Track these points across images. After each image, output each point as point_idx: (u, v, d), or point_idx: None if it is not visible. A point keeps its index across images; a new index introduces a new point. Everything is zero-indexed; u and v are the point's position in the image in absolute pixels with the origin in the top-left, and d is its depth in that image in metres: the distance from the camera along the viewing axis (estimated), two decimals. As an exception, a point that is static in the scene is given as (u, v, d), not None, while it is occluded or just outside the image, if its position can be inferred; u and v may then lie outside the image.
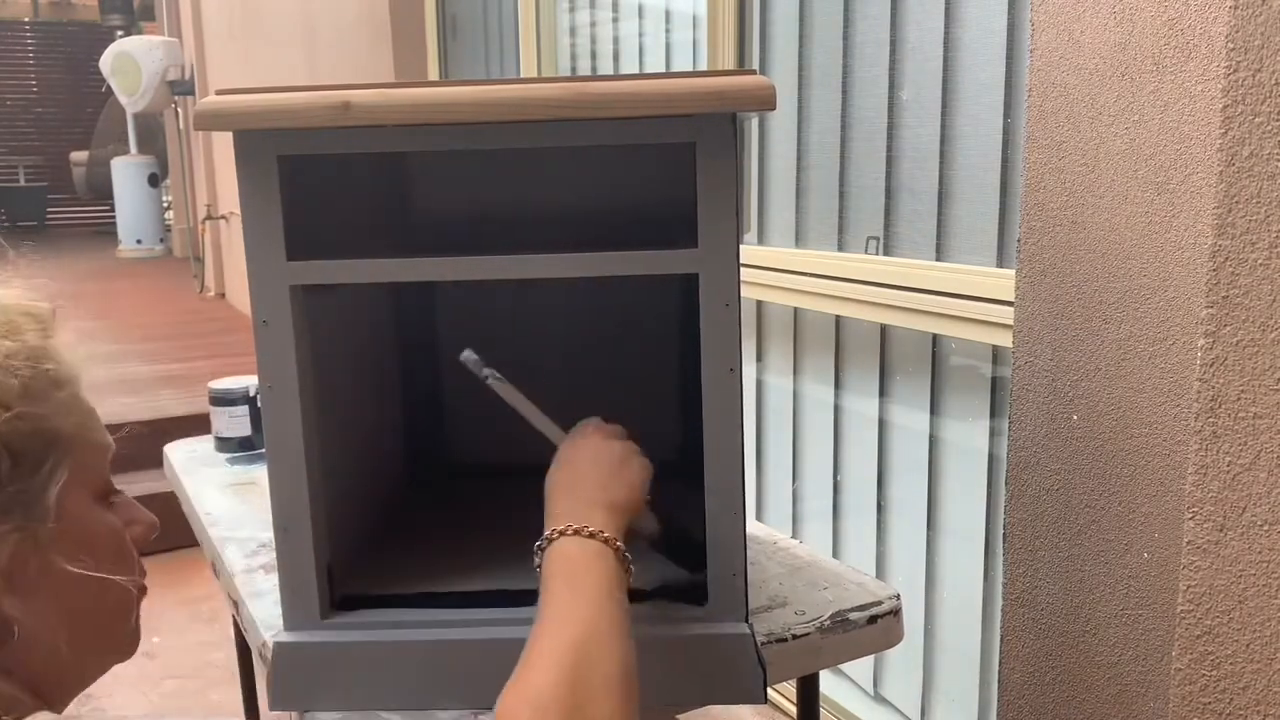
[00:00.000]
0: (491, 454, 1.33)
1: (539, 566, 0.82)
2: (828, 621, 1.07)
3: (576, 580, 0.79)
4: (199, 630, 2.93)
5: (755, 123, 2.20)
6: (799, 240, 2.12)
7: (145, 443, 0.85)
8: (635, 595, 0.99)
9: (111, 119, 10.94)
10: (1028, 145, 1.23)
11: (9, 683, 0.68)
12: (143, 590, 0.80)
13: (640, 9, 2.69)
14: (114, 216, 10.32)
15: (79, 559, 0.71)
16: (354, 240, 1.02)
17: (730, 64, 2.18)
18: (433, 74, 3.84)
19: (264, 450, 0.95)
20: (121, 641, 0.78)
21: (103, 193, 11.10)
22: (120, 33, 10.14)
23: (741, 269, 0.91)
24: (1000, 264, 1.66)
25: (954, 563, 1.85)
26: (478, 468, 1.33)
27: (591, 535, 0.82)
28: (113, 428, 0.79)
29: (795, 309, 2.15)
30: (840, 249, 2.01)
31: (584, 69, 2.99)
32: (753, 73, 0.89)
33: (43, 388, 0.69)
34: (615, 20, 2.84)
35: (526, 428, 0.99)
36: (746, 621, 0.95)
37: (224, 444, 1.70)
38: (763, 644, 0.99)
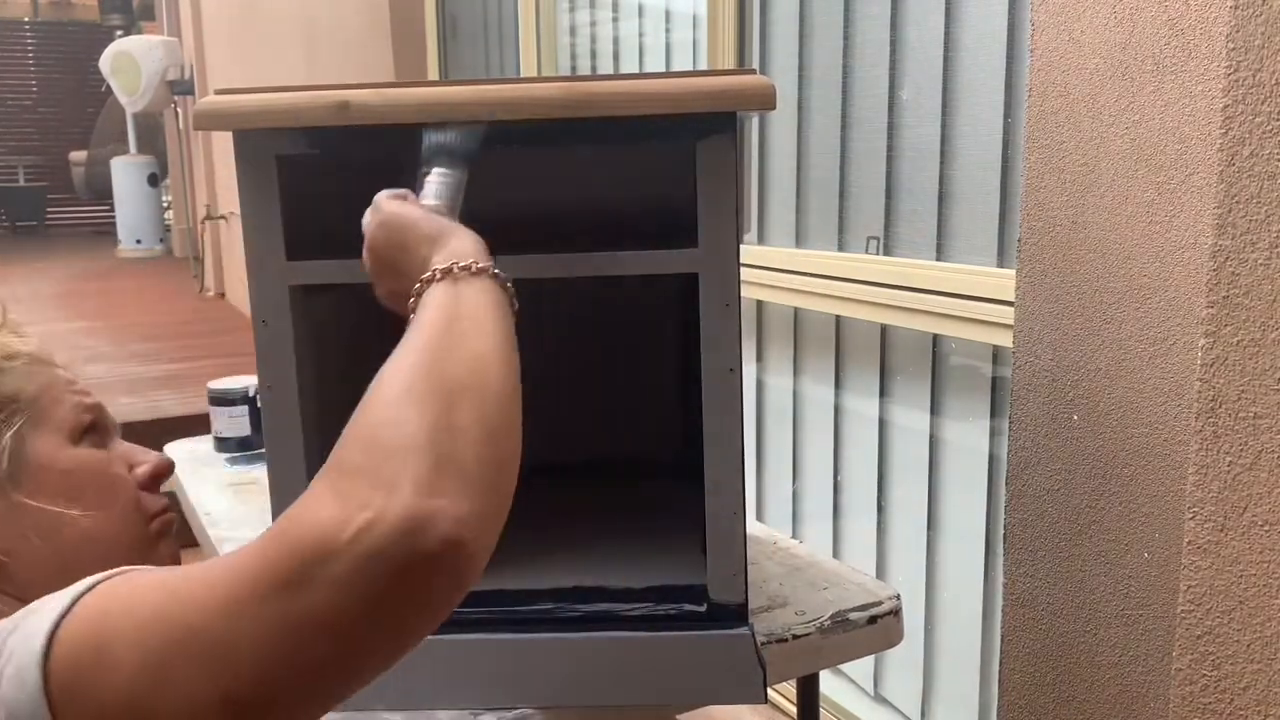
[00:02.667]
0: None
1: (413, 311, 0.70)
2: (828, 621, 1.07)
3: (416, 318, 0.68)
4: (199, 630, 2.92)
5: (755, 123, 2.19)
6: (799, 240, 2.12)
7: (145, 443, 0.86)
8: (634, 595, 0.99)
9: (111, 119, 10.94)
10: (1028, 145, 1.23)
11: (6, 602, 0.72)
12: (167, 522, 0.82)
13: (640, 9, 2.68)
14: (114, 216, 10.31)
15: (52, 497, 0.75)
16: (354, 240, 1.02)
17: (730, 64, 2.18)
18: (433, 74, 3.84)
19: (264, 450, 0.95)
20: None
21: (102, 193, 11.09)
22: (120, 32, 10.13)
23: (741, 269, 0.91)
24: (1000, 264, 1.66)
25: (954, 563, 1.85)
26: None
27: (481, 270, 0.70)
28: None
29: (795, 309, 2.14)
30: (840, 249, 2.01)
31: (584, 69, 2.99)
32: (753, 72, 0.89)
33: None
34: (615, 20, 2.84)
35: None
36: (746, 621, 0.95)
37: (224, 444, 1.70)
38: (763, 644, 0.99)
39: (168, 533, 0.83)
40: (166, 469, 0.84)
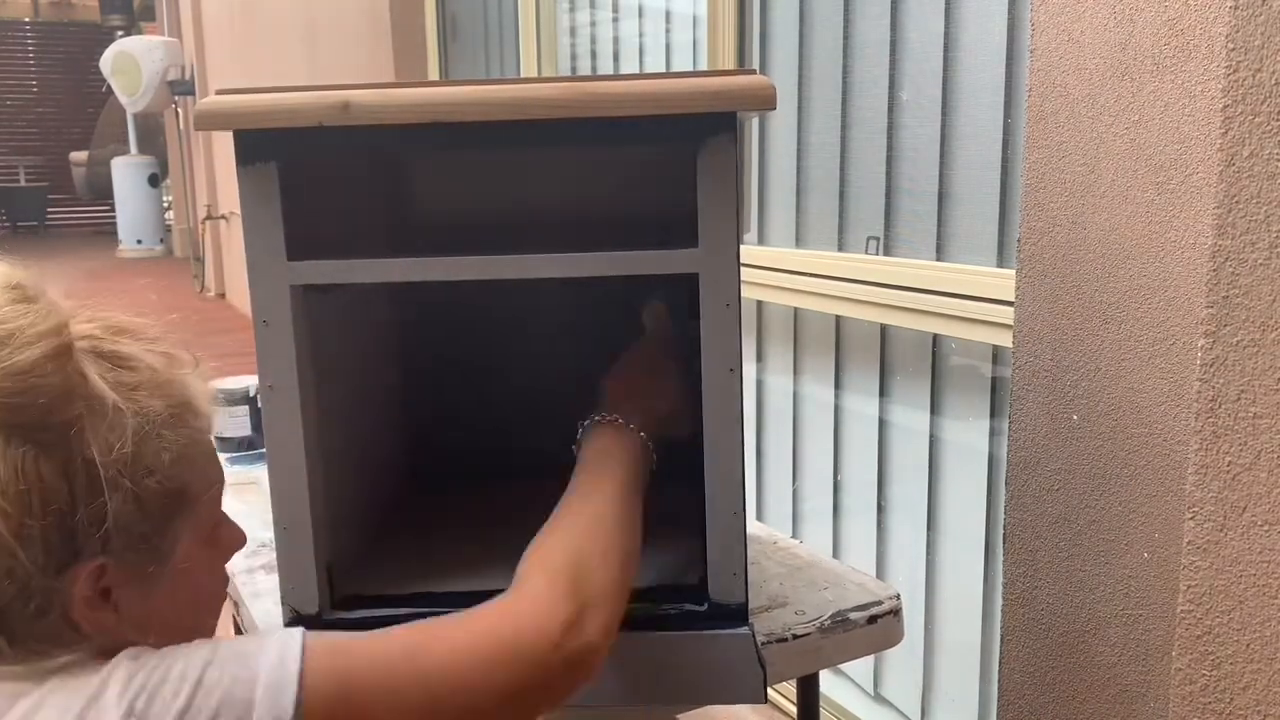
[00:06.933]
0: (491, 454, 1.33)
1: (577, 446, 0.94)
2: (828, 621, 1.07)
3: (605, 463, 0.91)
4: (199, 630, 2.93)
5: (755, 123, 2.20)
6: (799, 240, 2.12)
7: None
8: (635, 595, 0.99)
9: (111, 119, 10.96)
10: (1028, 145, 1.23)
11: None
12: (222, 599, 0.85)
13: (640, 9, 2.69)
14: (114, 216, 10.33)
15: (180, 608, 0.74)
16: (354, 240, 1.02)
17: (730, 64, 2.18)
18: (433, 74, 3.84)
19: (264, 450, 0.95)
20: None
21: (103, 193, 11.11)
22: (120, 33, 10.14)
23: (741, 269, 0.91)
24: (1000, 264, 1.66)
25: (954, 563, 1.85)
26: (478, 468, 1.33)
27: (627, 426, 0.94)
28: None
29: (795, 309, 2.14)
30: (840, 249, 2.01)
31: (584, 69, 2.99)
32: (753, 72, 0.89)
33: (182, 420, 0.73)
34: (615, 20, 2.84)
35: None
36: (746, 621, 0.95)
37: (224, 444, 1.70)
38: (763, 644, 0.99)
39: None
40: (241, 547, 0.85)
